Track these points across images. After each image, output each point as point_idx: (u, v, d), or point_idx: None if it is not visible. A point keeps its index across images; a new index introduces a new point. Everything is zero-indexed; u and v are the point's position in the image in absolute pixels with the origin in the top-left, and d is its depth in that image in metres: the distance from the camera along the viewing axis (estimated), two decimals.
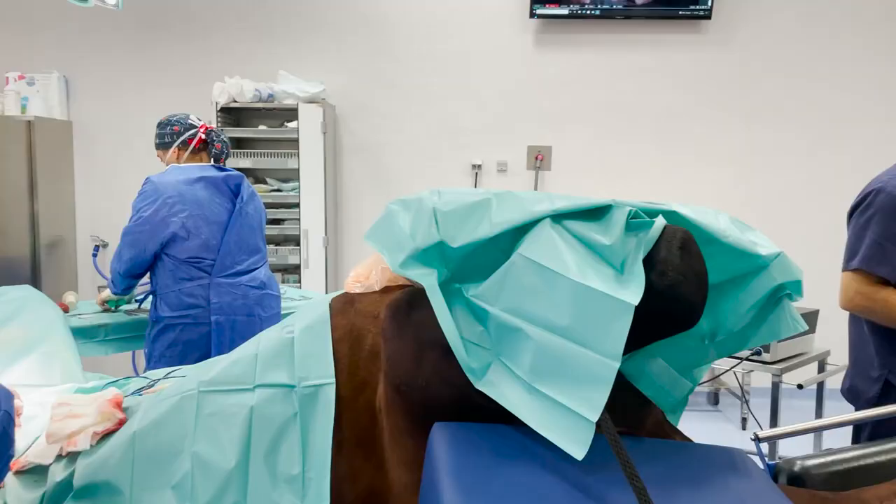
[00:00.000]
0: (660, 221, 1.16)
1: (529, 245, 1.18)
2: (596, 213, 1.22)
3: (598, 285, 1.10)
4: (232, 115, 4.98)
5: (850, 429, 2.13)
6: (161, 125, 3.03)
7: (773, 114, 4.94)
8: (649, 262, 1.14)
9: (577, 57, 5.03)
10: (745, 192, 4.97)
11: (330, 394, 1.38)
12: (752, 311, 1.32)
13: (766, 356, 2.78)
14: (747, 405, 3.99)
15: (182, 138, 2.97)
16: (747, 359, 2.80)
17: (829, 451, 1.86)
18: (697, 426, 4.52)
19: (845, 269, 2.08)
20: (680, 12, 4.83)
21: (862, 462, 1.78)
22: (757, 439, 1.95)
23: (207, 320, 2.85)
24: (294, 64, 5.05)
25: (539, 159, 5.08)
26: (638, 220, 1.18)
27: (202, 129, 3.01)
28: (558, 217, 1.21)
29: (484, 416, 1.22)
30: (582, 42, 5.02)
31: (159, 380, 1.85)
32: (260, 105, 4.75)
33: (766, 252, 1.27)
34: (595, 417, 1.06)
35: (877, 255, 1.97)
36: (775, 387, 2.77)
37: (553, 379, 1.12)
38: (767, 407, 3.03)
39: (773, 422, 2.81)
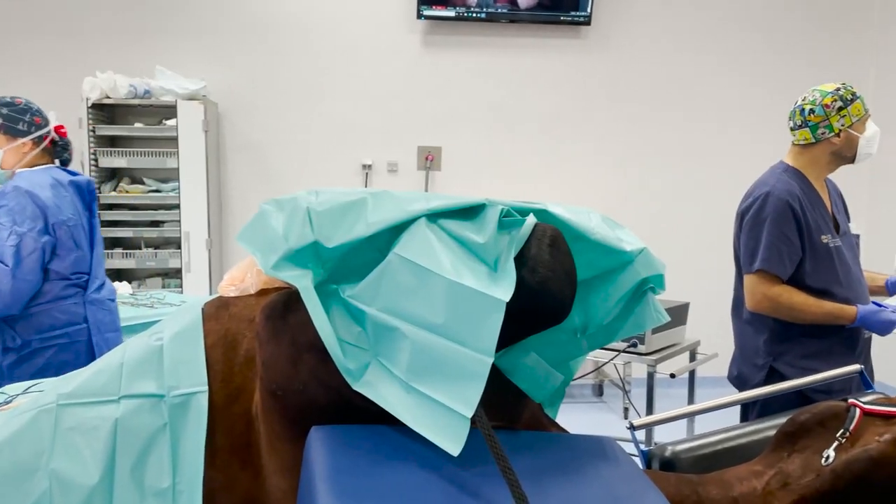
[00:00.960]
0: (530, 220, 1.19)
1: (405, 244, 1.18)
2: (470, 212, 1.24)
3: (471, 283, 1.11)
4: (105, 111, 4.72)
5: (723, 413, 2.27)
6: (16, 108, 2.63)
7: (651, 115, 5.20)
8: (521, 259, 1.17)
9: (465, 59, 5.11)
10: (625, 190, 5.20)
11: (202, 402, 1.33)
12: (620, 305, 1.38)
13: (641, 348, 2.92)
14: (627, 396, 4.18)
15: (40, 132, 2.67)
16: (624, 351, 2.93)
17: (698, 436, 1.97)
18: (583, 417, 4.70)
19: (748, 272, 2.19)
20: (561, 18, 4.99)
21: (726, 445, 1.90)
22: (632, 427, 2.04)
23: (83, 338, 2.66)
24: (172, 59, 4.84)
25: (429, 159, 5.11)
26: (510, 218, 1.20)
27: (58, 129, 2.75)
28: (434, 216, 1.21)
29: (363, 418, 1.21)
30: (469, 44, 5.10)
31: (17, 395, 1.72)
32: (136, 102, 4.52)
33: (631, 248, 1.33)
34: (470, 413, 1.07)
35: (773, 256, 2.12)
36: (650, 377, 2.92)
37: (429, 377, 1.12)
38: (653, 398, 3.18)
39: (649, 410, 2.95)
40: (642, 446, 1.95)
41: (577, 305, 1.38)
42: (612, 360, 2.90)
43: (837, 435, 1.51)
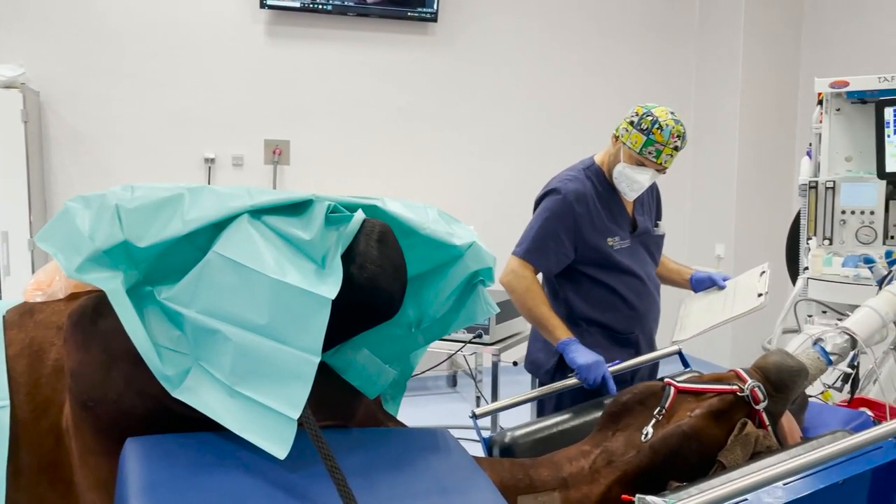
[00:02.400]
0: (359, 216, 1.18)
1: (225, 242, 1.13)
2: (297, 208, 1.21)
3: (296, 281, 1.09)
4: None
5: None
6: None
7: (498, 111, 5.34)
8: (349, 255, 1.16)
9: (313, 52, 5.00)
10: (474, 185, 5.31)
11: (3, 418, 1.21)
12: (452, 298, 1.40)
13: (486, 338, 3.00)
14: (477, 386, 4.29)
15: None
16: (470, 342, 3.00)
17: (536, 421, 2.05)
18: (438, 408, 4.77)
19: (514, 251, 2.23)
20: (409, 13, 5.02)
21: (560, 428, 1.99)
22: (474, 416, 2.10)
23: None
24: None
25: (277, 154, 4.97)
26: (338, 214, 1.19)
27: None
28: (257, 212, 1.17)
29: (184, 426, 1.16)
30: (317, 37, 5.00)
31: None
32: None
33: (461, 242, 1.36)
34: (296, 414, 1.05)
35: (538, 249, 2.17)
36: (495, 366, 3.01)
37: (254, 379, 1.09)
38: (498, 386, 3.27)
39: (495, 398, 3.04)
40: (486, 433, 2.02)
41: (410, 300, 1.39)
42: (458, 350, 2.96)
43: (655, 412, 1.63)
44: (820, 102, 3.00)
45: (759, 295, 2.12)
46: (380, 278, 1.16)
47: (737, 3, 5.26)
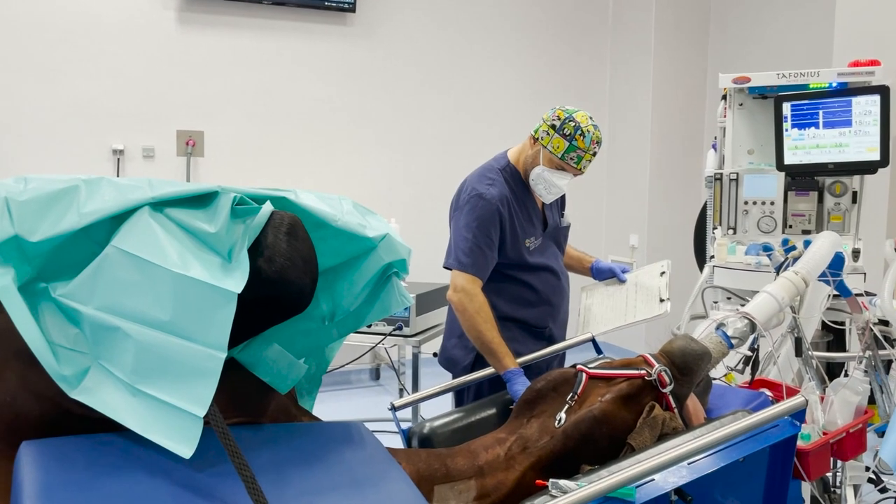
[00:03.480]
0: (266, 207, 1.16)
1: (125, 236, 1.09)
2: (201, 200, 1.17)
3: (199, 275, 1.05)
4: None
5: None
6: None
7: (417, 103, 5.34)
8: (257, 248, 1.14)
9: (228, 40, 4.86)
10: (394, 176, 5.28)
11: None
12: (366, 290, 1.39)
13: (406, 330, 3.00)
14: (399, 378, 4.29)
15: None
16: (390, 334, 3.00)
17: (455, 410, 2.07)
18: (361, 401, 4.74)
19: (452, 266, 2.18)
20: (326, 3, 4.94)
21: (478, 416, 2.02)
22: (393, 408, 2.09)
23: None
24: None
25: (190, 145, 4.81)
26: (244, 206, 1.16)
27: None
28: (159, 205, 1.13)
29: (84, 427, 1.11)
30: (231, 24, 4.86)
31: None
32: None
33: (374, 234, 1.35)
34: (202, 412, 1.02)
35: (476, 260, 2.14)
36: (415, 357, 3.01)
37: (157, 377, 1.05)
38: (418, 377, 3.28)
39: (415, 389, 3.05)
40: (406, 425, 2.02)
41: (323, 293, 1.37)
42: (378, 343, 2.95)
43: (568, 398, 1.67)
44: (724, 97, 3.13)
45: (662, 301, 2.19)
46: (289, 271, 1.14)
47: (647, 2, 5.42)
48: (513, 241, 2.21)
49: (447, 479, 1.51)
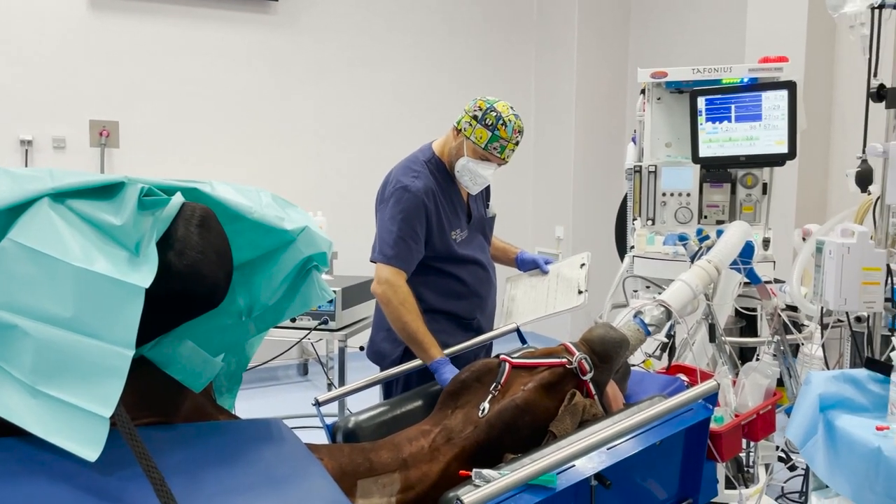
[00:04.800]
0: (177, 199, 1.12)
1: (23, 228, 1.03)
2: (107, 192, 1.12)
3: (104, 269, 1.01)
4: None
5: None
6: None
7: (341, 95, 5.27)
8: (167, 242, 1.09)
9: (144, 27, 4.68)
10: (319, 168, 5.20)
11: None
12: (285, 284, 1.36)
13: (332, 324, 2.97)
14: (326, 373, 4.24)
15: None
16: (315, 328, 2.95)
17: (381, 404, 2.06)
18: (289, 397, 4.67)
19: (377, 259, 2.18)
20: None
21: (404, 409, 2.01)
22: (317, 403, 2.06)
23: None
24: None
25: (104, 135, 4.62)
26: (153, 198, 1.11)
27: None
28: (61, 196, 1.08)
29: None
30: (147, 11, 4.68)
31: None
32: None
33: (292, 227, 1.32)
34: (108, 413, 0.98)
35: (403, 252, 2.14)
36: (342, 352, 2.98)
37: (59, 377, 1.00)
38: (346, 371, 3.24)
39: (342, 383, 3.02)
40: (329, 420, 1.99)
41: (239, 287, 1.33)
42: (303, 338, 2.91)
43: (491, 388, 1.69)
44: (643, 92, 3.22)
45: (580, 292, 2.24)
46: (201, 265, 1.10)
47: None
48: (440, 233, 2.21)
49: (371, 473, 1.50)
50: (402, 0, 5.44)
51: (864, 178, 2.09)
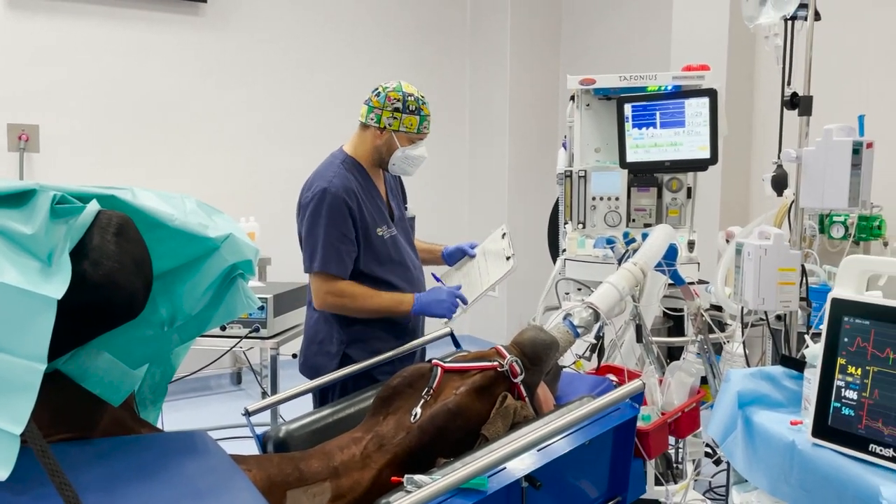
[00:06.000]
0: (92, 207, 1.08)
1: None
2: (17, 199, 1.07)
3: (13, 280, 0.96)
4: None
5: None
6: None
7: (272, 97, 5.18)
8: (82, 251, 1.06)
9: (66, 27, 4.50)
10: (252, 177, 5.11)
11: None
12: (209, 293, 1.33)
13: (264, 332, 2.91)
14: (259, 382, 4.16)
15: None
16: (246, 336, 2.90)
17: (314, 412, 2.03)
18: (222, 407, 4.56)
19: (310, 271, 2.18)
20: None
21: (337, 416, 1.99)
22: (247, 413, 2.02)
23: None
24: None
25: (23, 139, 4.42)
26: (66, 206, 1.07)
27: None
28: None
29: None
30: (70, 11, 4.51)
31: None
32: None
33: (216, 234, 1.29)
34: (19, 430, 0.94)
35: (332, 257, 2.13)
36: (273, 360, 2.93)
37: None
38: (278, 379, 3.18)
39: (274, 392, 2.97)
40: (262, 430, 1.95)
41: (162, 297, 1.30)
42: (233, 347, 2.85)
43: (423, 393, 1.69)
44: (572, 98, 3.28)
45: (508, 258, 2.27)
46: (118, 275, 1.07)
47: (503, 6, 5.58)
48: (364, 231, 2.20)
49: (301, 482, 1.48)
50: (335, 4, 5.40)
51: (779, 183, 2.18)
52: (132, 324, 1.19)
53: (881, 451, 1.18)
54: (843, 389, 1.25)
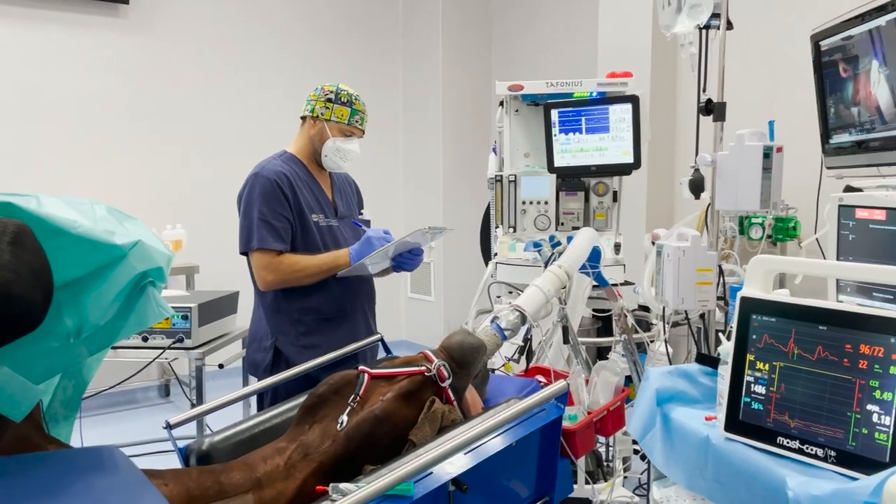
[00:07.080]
0: None
1: None
2: None
3: None
4: None
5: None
6: None
7: (200, 104, 5.06)
8: None
9: None
10: (171, 177, 4.94)
11: None
12: (118, 303, 1.28)
13: (188, 342, 2.83)
14: (186, 394, 4.03)
15: None
16: (170, 347, 2.81)
17: (238, 423, 1.98)
18: (149, 420, 4.41)
19: (248, 250, 2.22)
20: None
21: (263, 427, 1.94)
22: (168, 426, 1.95)
23: None
24: None
25: None
26: None
27: None
28: None
29: None
30: None
31: None
32: None
33: (123, 241, 1.24)
34: None
35: (269, 233, 2.18)
36: (199, 370, 2.85)
37: None
38: (206, 390, 3.09)
39: (199, 403, 2.88)
40: (181, 443, 1.89)
41: (66, 307, 1.24)
42: (156, 358, 2.75)
43: (350, 400, 1.67)
44: (501, 104, 3.31)
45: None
46: (14, 285, 1.01)
47: (434, 8, 5.60)
48: (299, 214, 2.25)
49: (221, 496, 1.44)
50: (264, 4, 5.32)
51: (696, 186, 2.25)
52: (34, 335, 1.13)
53: (788, 443, 1.22)
54: (752, 385, 1.29)
